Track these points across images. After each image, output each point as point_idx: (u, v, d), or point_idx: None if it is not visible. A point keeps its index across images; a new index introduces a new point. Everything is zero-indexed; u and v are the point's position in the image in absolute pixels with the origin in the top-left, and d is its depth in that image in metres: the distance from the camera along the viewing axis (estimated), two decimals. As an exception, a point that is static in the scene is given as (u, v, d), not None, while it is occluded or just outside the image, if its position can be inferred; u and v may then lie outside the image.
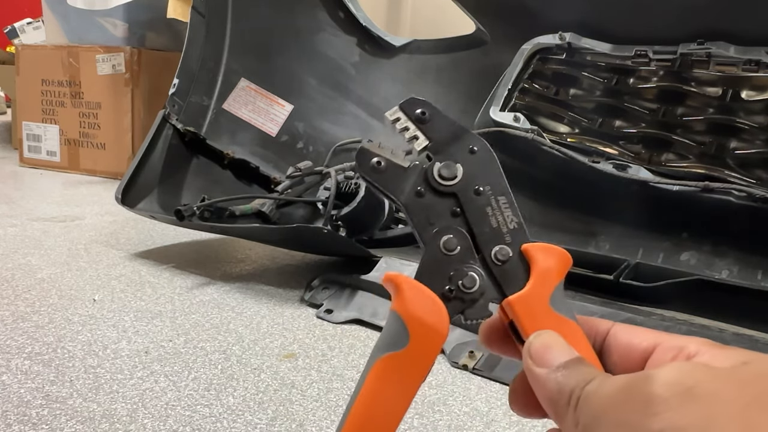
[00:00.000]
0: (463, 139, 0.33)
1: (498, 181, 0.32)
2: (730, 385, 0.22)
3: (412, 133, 0.33)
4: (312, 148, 1.42)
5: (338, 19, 1.43)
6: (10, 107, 2.93)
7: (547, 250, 0.31)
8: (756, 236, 0.96)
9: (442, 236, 0.32)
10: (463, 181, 0.32)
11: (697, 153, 1.06)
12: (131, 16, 1.99)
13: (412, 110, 0.33)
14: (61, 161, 2.12)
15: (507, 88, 1.18)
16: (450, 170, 0.32)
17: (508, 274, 0.31)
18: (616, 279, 0.95)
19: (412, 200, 0.32)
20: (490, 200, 0.32)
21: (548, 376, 0.27)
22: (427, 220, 0.32)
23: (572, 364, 0.27)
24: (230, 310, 0.95)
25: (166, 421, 0.64)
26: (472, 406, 0.70)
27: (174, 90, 1.29)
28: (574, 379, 0.26)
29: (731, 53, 1.00)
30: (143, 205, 1.22)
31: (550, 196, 1.14)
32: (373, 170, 0.33)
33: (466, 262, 0.32)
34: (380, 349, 0.30)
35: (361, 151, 0.33)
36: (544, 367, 0.28)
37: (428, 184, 0.32)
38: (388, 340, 0.30)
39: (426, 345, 0.30)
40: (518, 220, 0.32)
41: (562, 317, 0.30)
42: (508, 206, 0.32)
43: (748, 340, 0.74)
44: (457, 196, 0.32)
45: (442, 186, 0.32)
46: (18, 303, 0.93)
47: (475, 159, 0.33)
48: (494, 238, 0.32)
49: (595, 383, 0.25)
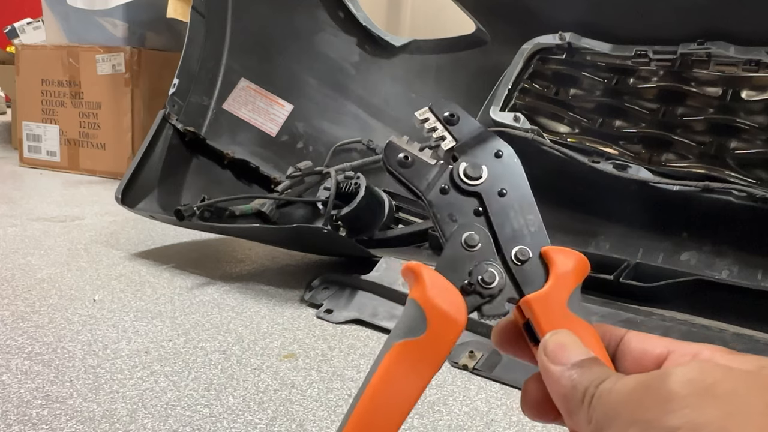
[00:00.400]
0: (490, 143, 0.34)
1: (522, 186, 0.33)
2: (750, 386, 0.22)
3: (440, 133, 0.34)
4: (312, 148, 1.42)
5: (338, 19, 1.43)
6: (10, 107, 2.93)
7: (567, 254, 0.32)
8: (756, 236, 0.96)
9: (463, 232, 0.32)
10: (488, 182, 0.33)
11: (697, 153, 1.06)
12: (131, 16, 1.99)
13: (441, 111, 0.34)
14: (61, 161, 2.12)
15: (507, 88, 1.17)
16: (476, 170, 0.33)
17: (527, 274, 0.32)
18: (616, 279, 0.95)
19: (437, 196, 0.33)
20: (513, 203, 0.33)
21: (563, 373, 0.27)
22: (450, 217, 0.33)
23: (587, 363, 0.27)
24: (230, 310, 0.95)
25: (166, 421, 0.64)
26: (472, 406, 0.70)
27: (174, 90, 1.29)
28: (588, 378, 0.26)
29: (731, 53, 1.00)
30: (143, 205, 1.22)
31: (550, 196, 1.13)
32: (400, 164, 0.33)
33: (486, 259, 0.32)
34: (398, 334, 0.30)
35: (389, 145, 0.33)
36: (559, 364, 0.28)
37: (453, 183, 0.33)
38: (405, 326, 0.31)
39: (443, 334, 0.30)
40: (539, 223, 0.33)
41: (579, 319, 0.30)
42: (530, 210, 0.33)
43: (749, 340, 0.74)
44: (480, 196, 0.33)
45: (466, 185, 0.33)
46: (18, 303, 0.93)
47: (500, 163, 0.33)
48: (515, 239, 0.32)
49: (610, 381, 0.25)
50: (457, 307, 0.30)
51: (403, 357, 0.30)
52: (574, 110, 1.19)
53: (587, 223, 1.11)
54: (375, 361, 0.31)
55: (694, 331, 0.77)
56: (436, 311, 0.30)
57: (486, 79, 1.25)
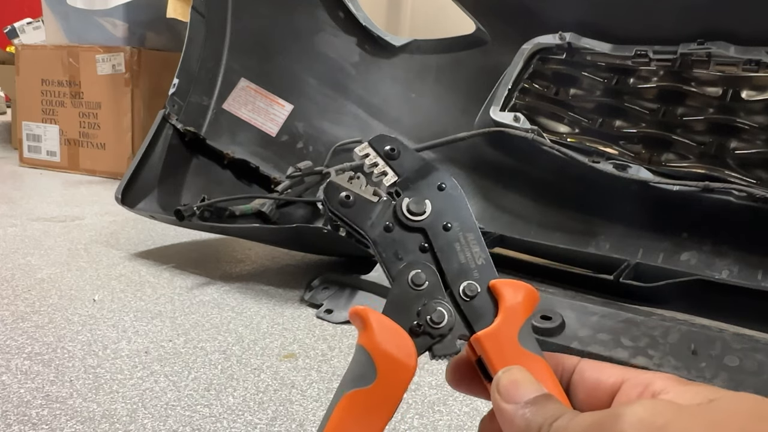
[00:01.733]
0: (432, 176, 0.33)
1: (466, 218, 0.33)
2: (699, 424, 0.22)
3: (381, 169, 0.33)
4: (312, 148, 1.42)
5: (338, 19, 1.43)
6: (10, 107, 2.93)
7: (515, 286, 0.31)
8: (756, 236, 0.96)
9: (410, 271, 0.32)
10: (432, 216, 0.32)
11: (697, 153, 1.06)
12: (131, 16, 1.99)
13: (381, 146, 0.34)
14: (61, 161, 2.12)
15: (507, 88, 1.17)
16: (419, 206, 0.32)
17: (476, 310, 0.31)
18: (616, 279, 0.95)
19: (381, 235, 0.32)
20: (458, 236, 0.32)
21: (516, 411, 0.27)
22: (395, 255, 0.32)
23: (540, 401, 0.27)
24: (230, 310, 0.95)
25: (166, 421, 0.64)
26: (472, 406, 0.70)
27: (174, 90, 1.29)
28: (542, 416, 0.26)
29: (731, 53, 1.00)
30: (143, 205, 1.22)
31: (550, 196, 1.15)
32: (342, 204, 0.33)
33: (434, 297, 0.32)
34: (346, 384, 0.30)
35: (330, 184, 0.33)
36: (512, 402, 0.28)
37: (397, 219, 0.33)
38: (354, 375, 0.30)
39: (394, 381, 0.30)
40: (486, 256, 0.32)
41: (530, 353, 0.30)
42: (476, 242, 0.32)
43: (749, 340, 0.74)
44: (425, 231, 0.32)
45: (410, 221, 0.32)
46: (18, 303, 0.93)
47: (443, 195, 0.33)
48: (462, 274, 0.32)
49: (563, 420, 0.25)
50: (406, 351, 0.30)
51: (353, 409, 0.29)
52: (574, 110, 1.19)
53: (587, 223, 1.11)
54: (326, 412, 0.30)
55: (694, 331, 0.77)
56: (384, 357, 0.29)
57: (486, 79, 1.25)
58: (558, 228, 1.13)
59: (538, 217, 1.15)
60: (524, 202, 1.19)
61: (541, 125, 1.18)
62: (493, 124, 1.15)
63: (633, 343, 0.77)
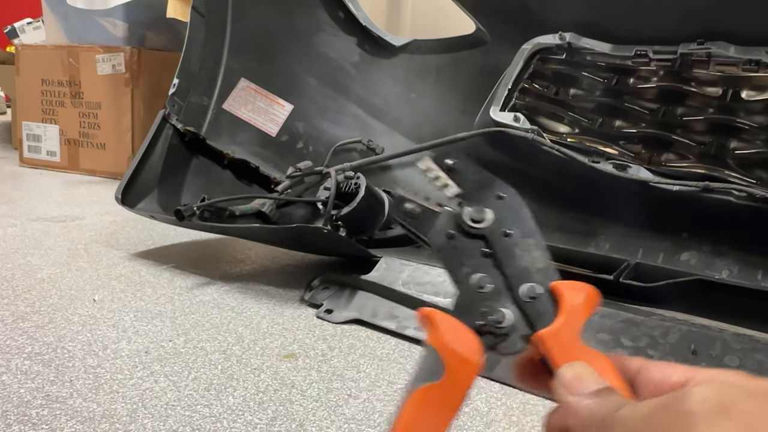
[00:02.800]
0: (491, 187, 0.35)
1: (526, 224, 0.35)
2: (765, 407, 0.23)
3: (444, 182, 0.35)
4: (312, 148, 1.42)
5: (338, 19, 1.43)
6: (10, 107, 2.93)
7: (576, 287, 0.33)
8: (756, 236, 0.96)
9: (474, 275, 0.34)
10: (493, 224, 0.34)
11: (697, 153, 1.06)
12: (131, 16, 1.99)
13: (442, 161, 0.36)
14: (61, 161, 2.12)
15: (507, 88, 1.18)
16: (480, 214, 0.34)
17: (538, 311, 0.33)
18: (616, 279, 0.95)
19: (445, 243, 0.34)
20: (519, 241, 0.34)
21: (580, 402, 0.28)
22: (459, 261, 0.34)
23: (604, 393, 0.28)
24: (230, 310, 0.95)
25: (166, 421, 0.64)
26: (472, 406, 0.70)
27: (174, 90, 1.29)
28: (606, 406, 0.27)
29: (731, 53, 1.00)
30: (143, 205, 1.22)
31: (550, 196, 1.14)
32: (408, 216, 0.35)
33: (497, 299, 0.33)
34: (417, 380, 0.31)
35: (398, 198, 0.36)
36: (576, 395, 0.28)
37: (459, 228, 0.34)
38: (424, 372, 0.32)
39: (461, 376, 0.31)
40: (547, 259, 0.34)
41: (593, 350, 0.31)
42: (536, 247, 0.34)
43: (749, 340, 0.74)
44: (486, 238, 0.34)
45: (472, 229, 0.34)
46: (18, 303, 0.93)
47: (503, 204, 0.35)
48: (524, 277, 0.33)
49: (627, 408, 0.26)
50: (472, 348, 0.31)
51: (424, 403, 0.31)
52: (574, 110, 1.19)
53: (587, 223, 1.11)
54: (397, 407, 0.32)
55: (694, 331, 0.77)
56: (452, 355, 0.31)
57: (486, 79, 1.25)
58: (558, 228, 1.13)
59: (538, 217, 1.15)
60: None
61: (541, 125, 1.18)
62: (493, 124, 1.15)
63: (633, 343, 0.77)
